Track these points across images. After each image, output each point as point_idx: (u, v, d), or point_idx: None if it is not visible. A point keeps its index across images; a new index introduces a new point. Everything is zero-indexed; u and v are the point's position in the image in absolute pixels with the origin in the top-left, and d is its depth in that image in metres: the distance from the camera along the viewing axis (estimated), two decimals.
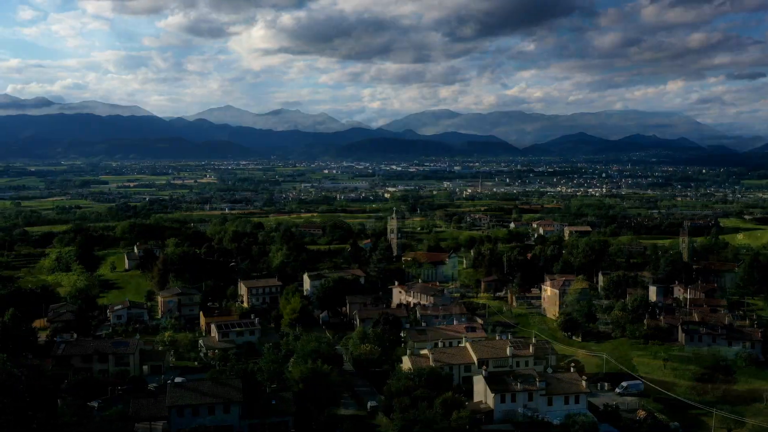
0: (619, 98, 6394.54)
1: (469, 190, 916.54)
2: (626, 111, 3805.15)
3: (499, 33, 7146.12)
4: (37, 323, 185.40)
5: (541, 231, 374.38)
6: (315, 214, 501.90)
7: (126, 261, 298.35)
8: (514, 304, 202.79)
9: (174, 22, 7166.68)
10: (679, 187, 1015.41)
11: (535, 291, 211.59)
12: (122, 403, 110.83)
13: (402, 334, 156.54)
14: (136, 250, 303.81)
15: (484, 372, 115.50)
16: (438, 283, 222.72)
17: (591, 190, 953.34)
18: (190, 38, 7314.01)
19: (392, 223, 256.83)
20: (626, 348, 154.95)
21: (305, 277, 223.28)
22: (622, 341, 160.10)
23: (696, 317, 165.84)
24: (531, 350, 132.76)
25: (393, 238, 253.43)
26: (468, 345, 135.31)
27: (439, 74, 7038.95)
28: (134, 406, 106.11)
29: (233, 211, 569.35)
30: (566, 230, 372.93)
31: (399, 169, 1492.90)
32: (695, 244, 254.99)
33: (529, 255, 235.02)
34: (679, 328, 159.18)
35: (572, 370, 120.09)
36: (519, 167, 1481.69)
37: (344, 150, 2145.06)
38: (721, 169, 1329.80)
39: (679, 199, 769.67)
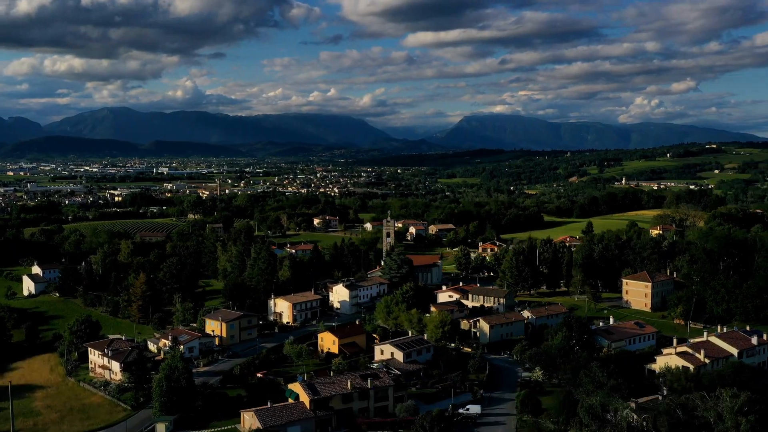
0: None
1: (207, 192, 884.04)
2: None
3: None
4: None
5: (413, 230, 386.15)
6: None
7: (30, 284, 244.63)
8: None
9: None
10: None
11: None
12: None
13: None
14: (39, 270, 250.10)
15: None
16: (477, 285, 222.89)
17: (323, 189, 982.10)
18: None
19: (388, 227, 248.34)
20: None
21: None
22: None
23: None
24: None
25: (389, 241, 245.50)
26: (714, 339, 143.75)
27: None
28: None
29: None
30: (433, 228, 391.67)
31: (96, 169, 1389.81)
32: None
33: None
34: None
35: None
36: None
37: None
38: (422, 168, 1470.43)
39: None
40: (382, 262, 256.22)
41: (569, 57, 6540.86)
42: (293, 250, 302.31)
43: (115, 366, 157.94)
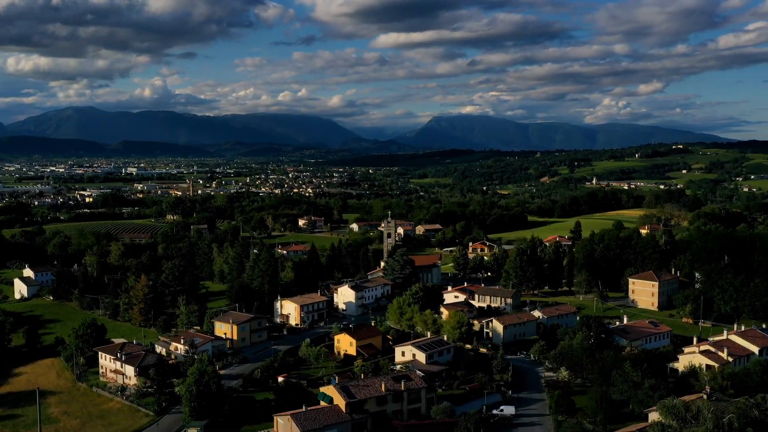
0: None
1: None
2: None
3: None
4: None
5: (401, 231, 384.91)
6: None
7: (23, 288, 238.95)
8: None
9: None
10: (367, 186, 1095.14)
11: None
12: None
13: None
14: (31, 273, 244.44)
15: None
16: (482, 285, 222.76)
17: (297, 189, 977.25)
18: None
19: (389, 228, 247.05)
20: None
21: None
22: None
23: None
24: None
25: (390, 242, 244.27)
26: (734, 337, 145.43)
27: None
28: None
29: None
30: (420, 228, 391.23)
31: (62, 169, 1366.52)
32: None
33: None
34: None
35: None
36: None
37: None
38: (393, 169, 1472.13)
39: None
40: (382, 263, 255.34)
41: (539, 58, 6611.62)
42: (284, 251, 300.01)
43: (129, 370, 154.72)
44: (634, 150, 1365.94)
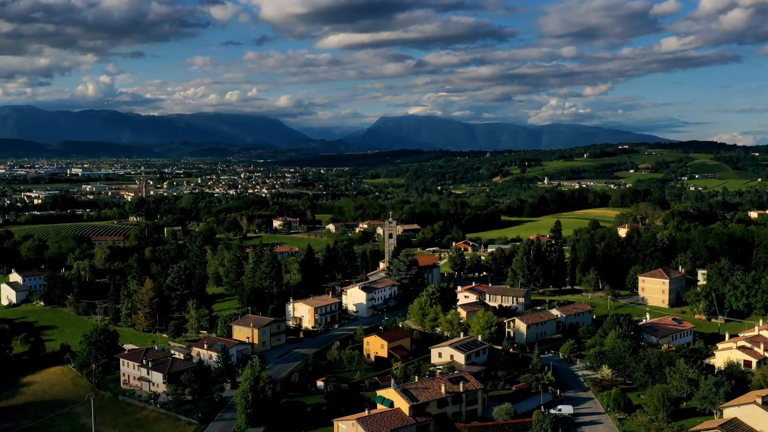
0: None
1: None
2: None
3: None
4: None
5: (380, 231, 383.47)
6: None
7: (11, 293, 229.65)
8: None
9: None
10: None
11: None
12: None
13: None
14: (19, 278, 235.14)
15: None
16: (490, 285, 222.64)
17: (251, 190, 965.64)
18: None
19: (390, 228, 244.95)
20: None
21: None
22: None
23: None
24: None
25: (392, 242, 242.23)
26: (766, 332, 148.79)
27: None
28: None
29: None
30: (399, 228, 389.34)
31: (2, 170, 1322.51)
32: None
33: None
34: None
35: None
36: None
37: None
38: (344, 169, 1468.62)
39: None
40: (381, 264, 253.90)
41: (488, 59, 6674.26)
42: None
43: (157, 377, 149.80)
44: (582, 150, 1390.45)
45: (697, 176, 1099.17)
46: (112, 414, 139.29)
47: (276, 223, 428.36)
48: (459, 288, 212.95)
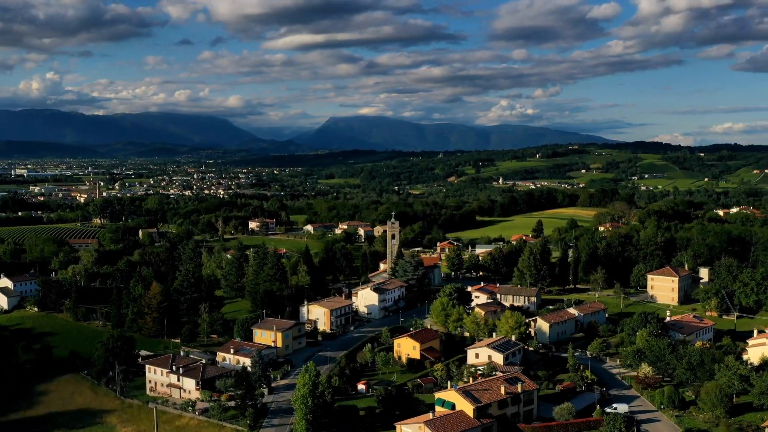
0: None
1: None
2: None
3: None
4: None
5: (361, 232, 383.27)
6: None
7: (2, 299, 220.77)
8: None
9: None
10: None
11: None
12: None
13: None
14: (10, 283, 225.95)
15: None
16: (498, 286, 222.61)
17: (207, 191, 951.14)
18: None
19: (393, 229, 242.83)
20: None
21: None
22: None
23: None
24: None
25: (395, 243, 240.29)
26: None
27: None
28: None
29: None
30: (379, 229, 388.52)
31: None
32: None
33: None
34: None
35: None
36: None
37: None
38: (298, 169, 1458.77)
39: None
40: (382, 265, 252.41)
41: (442, 61, 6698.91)
42: None
43: (189, 383, 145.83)
44: (534, 150, 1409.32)
45: (646, 176, 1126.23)
46: (149, 423, 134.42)
47: (252, 225, 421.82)
48: (468, 288, 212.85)
